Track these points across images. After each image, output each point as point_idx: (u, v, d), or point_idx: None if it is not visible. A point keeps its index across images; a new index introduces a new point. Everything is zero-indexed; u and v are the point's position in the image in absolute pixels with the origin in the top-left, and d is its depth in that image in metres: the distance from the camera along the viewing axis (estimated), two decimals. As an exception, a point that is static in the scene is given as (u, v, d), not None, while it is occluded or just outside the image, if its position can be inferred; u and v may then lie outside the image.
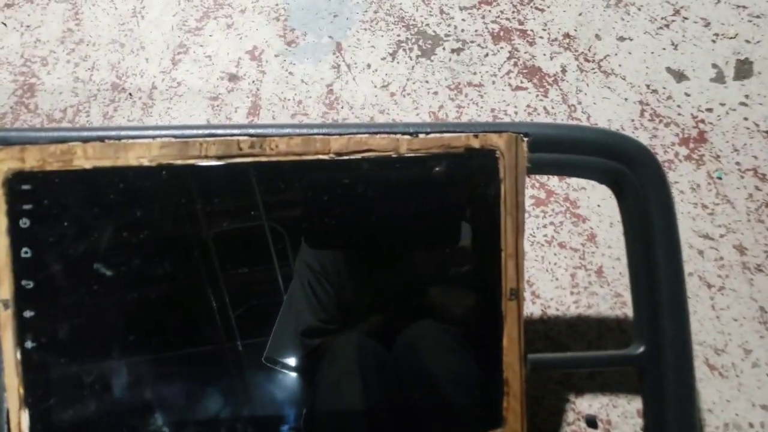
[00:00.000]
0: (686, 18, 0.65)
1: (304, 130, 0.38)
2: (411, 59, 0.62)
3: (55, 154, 0.36)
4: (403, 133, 0.38)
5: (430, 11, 0.65)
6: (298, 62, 0.62)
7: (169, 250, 0.37)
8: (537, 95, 0.60)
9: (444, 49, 0.63)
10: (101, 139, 0.37)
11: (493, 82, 0.61)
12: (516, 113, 0.59)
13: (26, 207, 0.36)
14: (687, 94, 0.60)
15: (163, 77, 0.61)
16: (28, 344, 0.36)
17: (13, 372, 0.36)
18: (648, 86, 0.61)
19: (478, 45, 0.63)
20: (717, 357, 0.48)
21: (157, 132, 0.37)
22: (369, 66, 0.62)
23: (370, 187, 0.38)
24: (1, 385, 0.36)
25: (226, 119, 0.59)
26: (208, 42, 0.63)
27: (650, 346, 0.39)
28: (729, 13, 0.65)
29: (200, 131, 0.37)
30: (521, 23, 0.64)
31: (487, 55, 0.63)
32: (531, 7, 0.66)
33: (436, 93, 0.60)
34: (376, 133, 0.38)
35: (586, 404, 0.47)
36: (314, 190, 0.38)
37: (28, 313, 0.36)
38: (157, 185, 0.37)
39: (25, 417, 0.36)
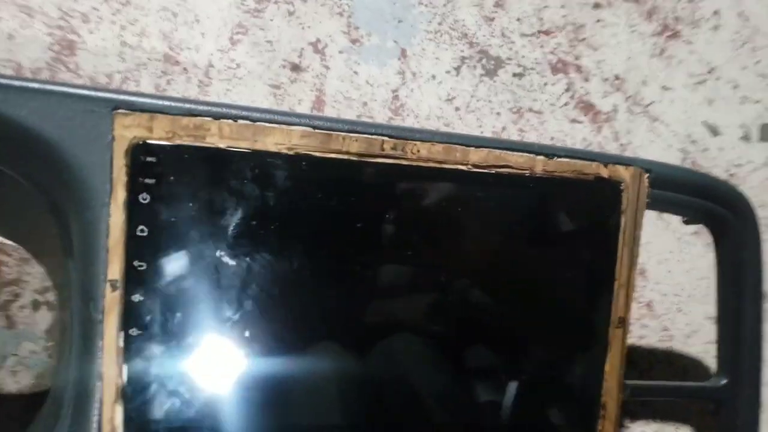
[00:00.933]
0: (719, 78, 0.70)
1: (446, 138, 0.37)
2: (475, 77, 0.63)
3: (187, 127, 0.33)
4: (539, 154, 0.38)
5: (492, 32, 0.65)
6: (362, 62, 0.61)
7: (298, 245, 0.35)
8: (592, 130, 0.62)
9: (506, 72, 0.64)
10: (234, 118, 0.34)
11: (552, 112, 0.62)
12: (574, 145, 0.61)
13: (148, 181, 0.33)
14: (720, 149, 0.64)
15: (221, 56, 0.58)
16: (134, 331, 0.33)
17: (114, 360, 0.33)
18: (688, 136, 0.64)
19: (538, 73, 0.65)
20: None
21: (293, 119, 0.35)
22: (434, 77, 0.62)
23: (501, 201, 0.38)
24: (96, 374, 0.33)
25: (289, 110, 0.57)
26: (268, 26, 0.61)
27: (731, 379, 0.41)
28: (753, 80, 0.70)
29: (339, 125, 0.36)
30: (577, 58, 0.66)
31: (546, 84, 0.64)
32: (585, 44, 0.68)
33: (498, 114, 0.61)
34: (514, 150, 0.38)
35: (638, 430, 0.48)
36: (450, 200, 0.37)
37: (136, 297, 0.33)
38: (294, 175, 0.35)
39: (119, 411, 0.33)
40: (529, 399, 0.39)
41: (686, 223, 0.45)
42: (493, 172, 0.37)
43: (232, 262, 0.34)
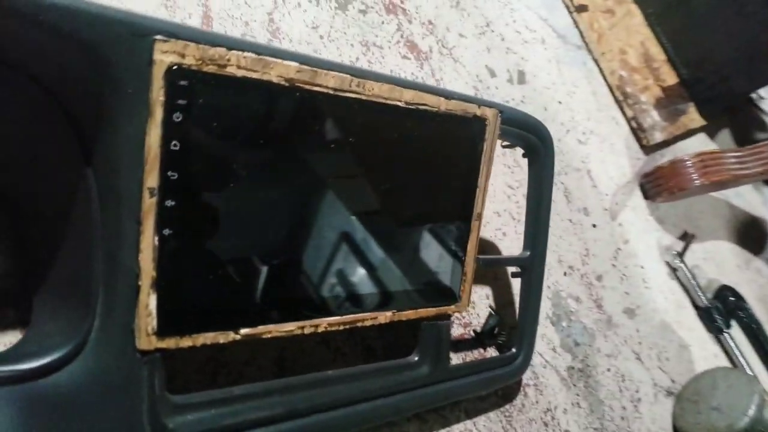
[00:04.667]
0: (493, 31, 0.92)
1: (389, 80, 0.49)
2: (331, 9, 0.72)
3: (213, 57, 0.39)
4: (442, 96, 0.53)
5: (342, -31, 0.75)
6: (239, -18, 0.65)
7: (290, 161, 0.44)
8: (417, 66, 0.78)
9: (354, 8, 0.75)
10: (248, 50, 0.40)
11: (389, 48, 0.76)
12: (405, 78, 0.76)
13: (181, 102, 0.38)
14: (497, 88, 0.87)
15: (102, -44, 0.56)
16: (166, 231, 0.39)
17: (150, 256, 0.38)
18: (477, 76, 0.85)
19: (376, 12, 0.77)
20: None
21: (290, 56, 0.43)
22: (299, 5, 0.69)
23: (419, 127, 0.52)
24: (130, 267, 0.38)
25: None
26: (143, -71, 0.60)
27: (532, 252, 0.64)
28: (513, 35, 0.95)
29: (322, 64, 0.44)
30: (402, 2, 0.81)
31: (383, 22, 0.77)
32: (407, -11, 0.82)
33: (352, 45, 0.72)
34: (428, 92, 0.51)
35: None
36: (389, 125, 0.50)
37: (169, 203, 0.39)
38: (289, 102, 0.43)
39: (153, 298, 0.39)
40: (422, 269, 0.56)
41: (504, 147, 0.65)
42: (416, 108, 0.51)
43: (243, 173, 0.42)
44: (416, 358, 0.56)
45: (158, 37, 0.36)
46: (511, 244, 0.76)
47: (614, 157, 1.01)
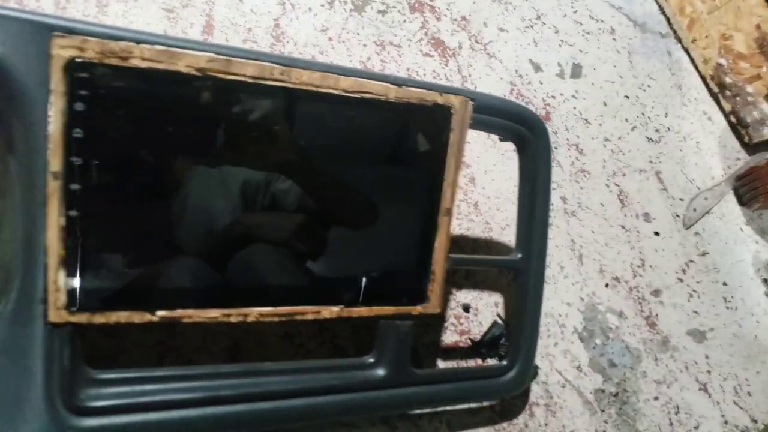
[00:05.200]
0: (544, 23, 0.85)
1: (322, 67, 0.48)
2: (345, 11, 0.73)
3: (114, 50, 0.41)
4: (392, 83, 0.50)
5: (361, -29, 0.75)
6: (247, -8, 0.68)
7: (206, 147, 0.45)
8: (440, 63, 0.76)
9: (372, 8, 0.74)
10: (152, 43, 0.42)
11: (409, 46, 0.75)
12: (425, 75, 0.74)
13: (83, 92, 0.41)
14: (540, 83, 0.81)
15: (114, -23, 0.63)
16: (72, 213, 0.42)
17: (56, 235, 0.41)
18: (516, 71, 0.80)
19: (398, 11, 0.76)
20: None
21: (201, 47, 0.44)
22: (310, 9, 0.71)
23: (363, 118, 0.50)
24: (41, 245, 0.41)
25: (182, 32, 0.64)
26: (157, -49, 0.66)
27: (524, 254, 0.58)
28: (570, 26, 0.87)
29: (237, 53, 0.45)
30: (431, 0, 0.79)
31: (404, 21, 0.76)
32: (439, -13, 0.80)
33: (365, 45, 0.72)
34: (373, 79, 0.50)
35: (462, 296, 0.65)
36: (324, 115, 0.49)
37: (74, 186, 0.42)
38: (199, 91, 0.44)
39: (61, 275, 0.42)
40: (379, 266, 0.53)
41: (501, 140, 0.60)
42: (358, 96, 0.49)
43: (147, 158, 0.44)
44: (371, 359, 0.53)
45: (56, 33, 0.40)
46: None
47: (699, 157, 0.87)
